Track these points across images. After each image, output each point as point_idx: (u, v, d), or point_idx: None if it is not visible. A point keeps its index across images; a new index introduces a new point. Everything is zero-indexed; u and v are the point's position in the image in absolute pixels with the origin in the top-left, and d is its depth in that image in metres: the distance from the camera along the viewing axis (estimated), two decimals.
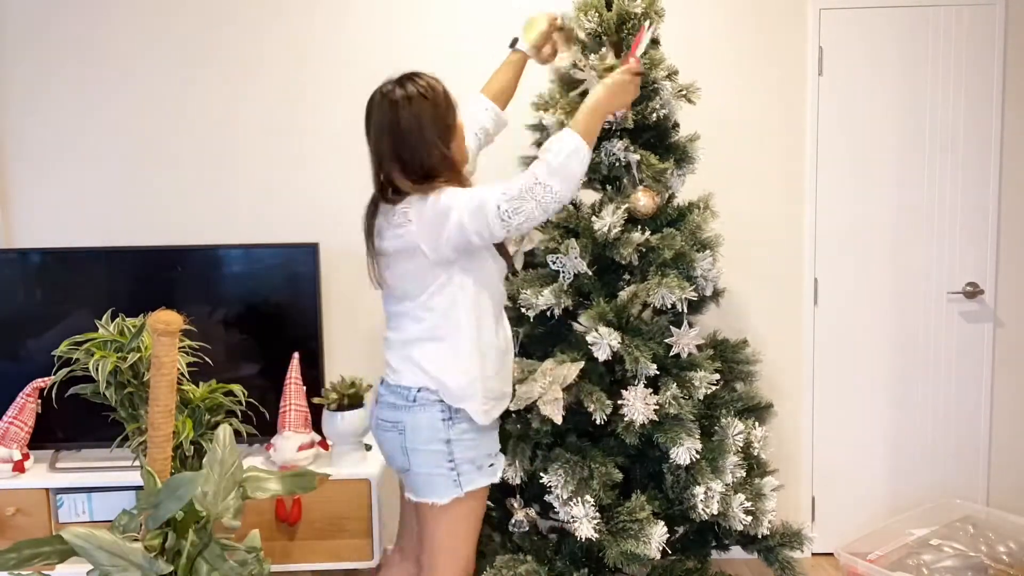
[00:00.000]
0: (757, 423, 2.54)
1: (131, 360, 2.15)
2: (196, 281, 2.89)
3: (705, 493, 2.27)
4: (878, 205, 3.15)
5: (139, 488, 2.61)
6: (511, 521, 2.41)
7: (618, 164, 2.40)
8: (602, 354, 2.25)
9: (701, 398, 2.33)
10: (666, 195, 2.46)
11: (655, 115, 2.41)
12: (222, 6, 3.05)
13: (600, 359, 2.26)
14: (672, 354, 2.35)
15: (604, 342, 2.24)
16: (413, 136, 1.93)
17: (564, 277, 2.38)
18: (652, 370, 2.26)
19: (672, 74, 2.45)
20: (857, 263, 3.18)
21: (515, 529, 2.40)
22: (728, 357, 2.60)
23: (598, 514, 2.23)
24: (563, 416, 2.21)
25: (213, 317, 2.89)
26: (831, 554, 3.15)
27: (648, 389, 2.27)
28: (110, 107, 3.07)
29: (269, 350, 2.91)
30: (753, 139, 3.13)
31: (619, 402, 2.26)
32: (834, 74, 3.11)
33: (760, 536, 2.45)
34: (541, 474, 2.30)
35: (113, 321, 2.27)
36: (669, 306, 2.31)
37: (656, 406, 2.25)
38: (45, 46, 3.04)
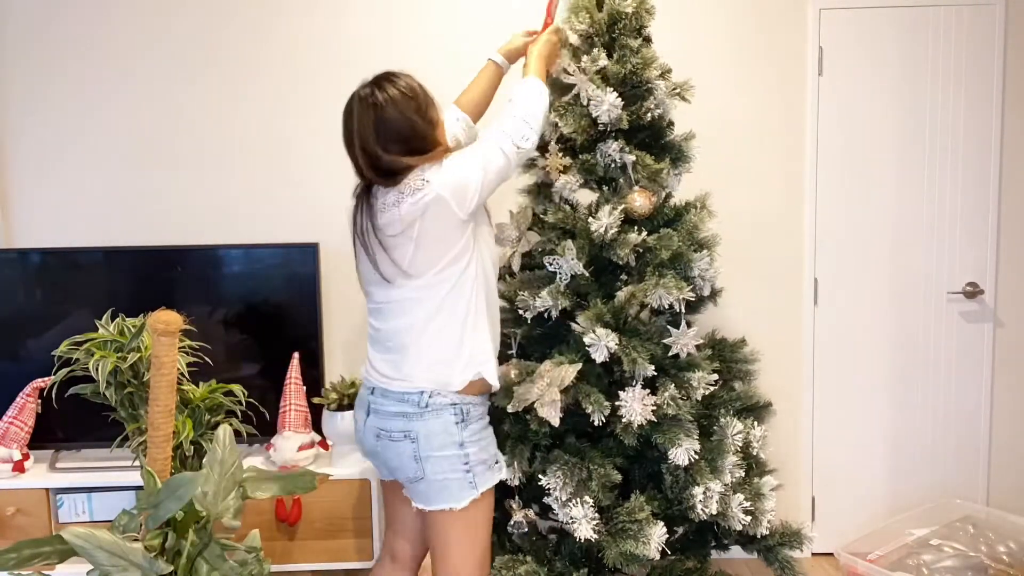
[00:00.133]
0: (756, 422, 2.53)
1: (131, 360, 2.15)
2: (196, 281, 2.90)
3: (704, 493, 2.27)
4: (878, 205, 3.15)
5: (139, 488, 2.61)
6: (510, 522, 2.41)
7: (614, 165, 2.40)
8: (600, 355, 2.25)
9: (699, 399, 2.32)
10: (663, 195, 2.46)
11: (649, 115, 2.40)
12: (222, 6, 3.05)
13: (598, 360, 2.26)
14: (670, 355, 2.35)
15: (601, 343, 2.23)
16: (406, 130, 1.98)
17: (561, 278, 2.38)
18: (650, 371, 2.25)
19: (665, 72, 2.45)
20: (857, 263, 3.18)
21: (514, 530, 2.40)
22: (726, 356, 2.59)
23: (597, 515, 2.23)
24: (561, 417, 2.21)
25: (213, 317, 2.89)
26: (831, 554, 3.16)
27: (646, 390, 2.27)
28: (110, 107, 3.07)
29: (269, 350, 2.91)
30: (753, 139, 3.13)
31: (617, 403, 2.26)
32: (834, 74, 3.10)
33: (759, 536, 2.45)
34: (540, 475, 2.29)
35: (113, 321, 2.27)
36: (667, 306, 2.31)
37: (654, 407, 2.25)
38: (45, 46, 3.04)
